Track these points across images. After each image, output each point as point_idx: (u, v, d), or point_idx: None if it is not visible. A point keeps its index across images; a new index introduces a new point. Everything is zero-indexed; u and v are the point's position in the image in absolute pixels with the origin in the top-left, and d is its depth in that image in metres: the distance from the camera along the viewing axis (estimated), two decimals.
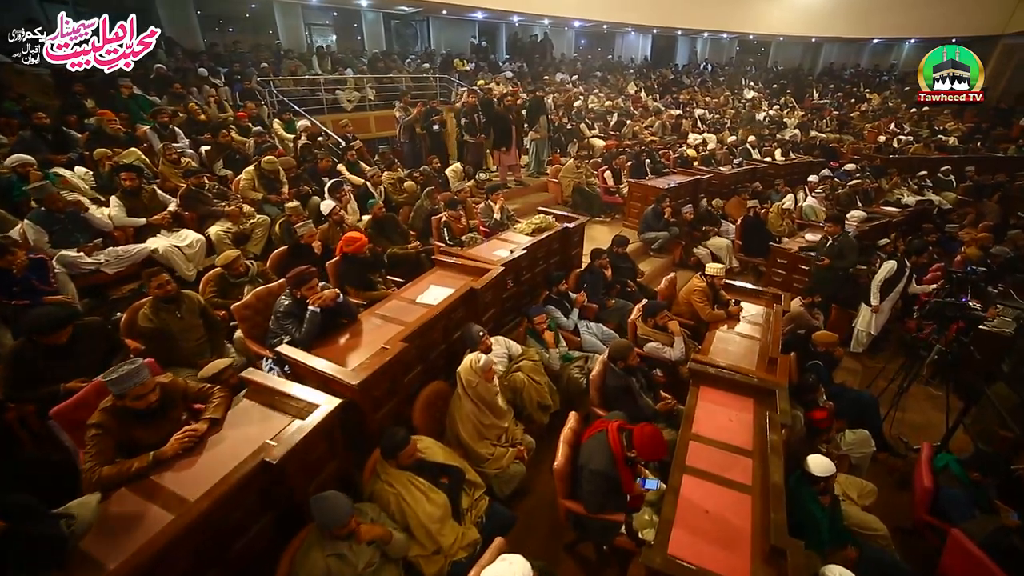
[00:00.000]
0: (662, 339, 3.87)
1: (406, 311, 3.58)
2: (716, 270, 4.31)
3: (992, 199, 9.74)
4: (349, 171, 6.47)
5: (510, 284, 4.41)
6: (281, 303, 3.20)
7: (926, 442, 3.38)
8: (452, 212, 5.17)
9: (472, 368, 3.01)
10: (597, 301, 4.84)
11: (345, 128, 7.39)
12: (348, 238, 4.04)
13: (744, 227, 6.83)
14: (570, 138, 9.77)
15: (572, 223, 5.19)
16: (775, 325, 4.10)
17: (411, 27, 15.86)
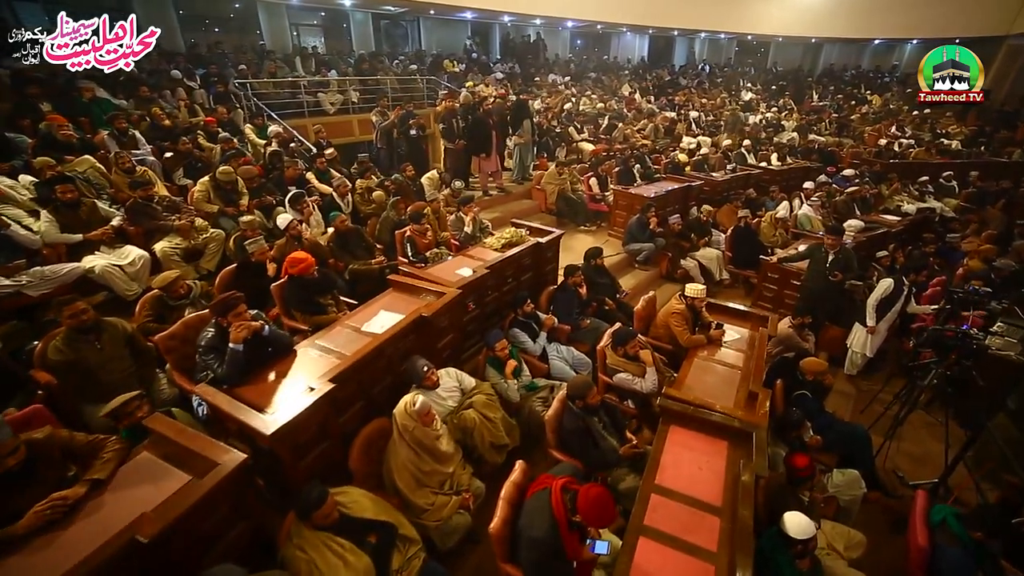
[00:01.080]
0: (633, 369, 3.55)
1: (349, 341, 3.27)
2: (696, 292, 3.99)
3: (996, 206, 9.37)
4: (319, 180, 6.17)
5: (471, 306, 4.10)
6: (204, 335, 2.90)
7: (920, 490, 3.05)
8: (416, 226, 4.85)
9: (407, 411, 2.70)
10: (570, 321, 4.53)
11: (319, 134, 7.09)
12: (292, 259, 3.73)
13: (734, 238, 6.50)
14: (558, 142, 9.44)
15: (546, 237, 4.87)
16: (759, 352, 3.77)
17: (401, 27, 15.56)
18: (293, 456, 2.54)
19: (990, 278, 6.19)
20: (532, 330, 4.18)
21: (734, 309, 4.41)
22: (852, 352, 5.16)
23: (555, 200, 7.33)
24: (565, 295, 4.58)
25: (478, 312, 4.24)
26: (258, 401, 2.67)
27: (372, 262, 4.99)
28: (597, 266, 5.01)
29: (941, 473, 3.90)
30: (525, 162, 8.03)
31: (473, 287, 4.05)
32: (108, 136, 5.58)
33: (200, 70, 9.10)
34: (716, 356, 3.83)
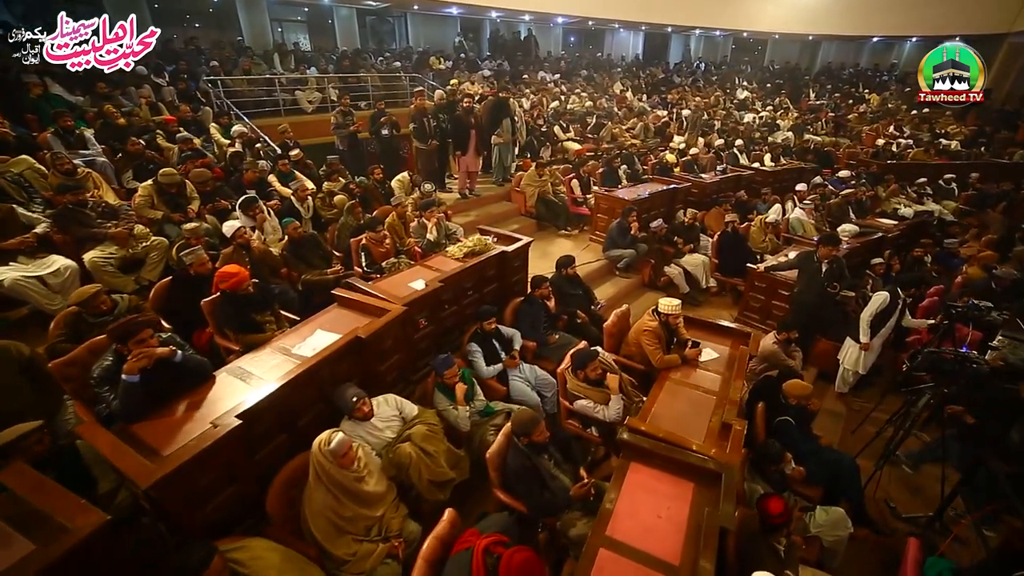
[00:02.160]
0: (594, 396, 3.21)
1: (275, 365, 2.93)
2: (670, 307, 3.65)
3: (996, 209, 9.04)
4: (281, 183, 5.83)
5: (423, 323, 3.76)
6: (100, 363, 2.55)
7: (913, 539, 2.71)
8: (372, 234, 4.51)
9: (320, 451, 2.36)
10: (537, 337, 4.19)
11: (284, 134, 6.73)
12: (223, 273, 3.39)
13: (721, 244, 6.15)
14: (543, 142, 9.09)
15: (513, 245, 4.53)
16: (737, 374, 3.44)
17: (388, 24, 15.20)
18: (187, 506, 2.20)
19: (990, 287, 5.86)
20: (492, 348, 3.84)
21: (714, 324, 4.07)
22: (843, 369, 4.82)
23: (534, 203, 6.99)
24: (531, 308, 4.24)
25: (432, 329, 3.89)
26: (155, 441, 2.33)
27: (328, 272, 4.66)
28: (568, 276, 4.67)
29: (937, 507, 3.58)
30: (505, 163, 7.68)
31: (424, 302, 3.72)
32: (52, 135, 5.23)
33: (171, 67, 8.74)
34: (690, 378, 3.49)
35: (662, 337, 3.68)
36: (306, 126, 9.50)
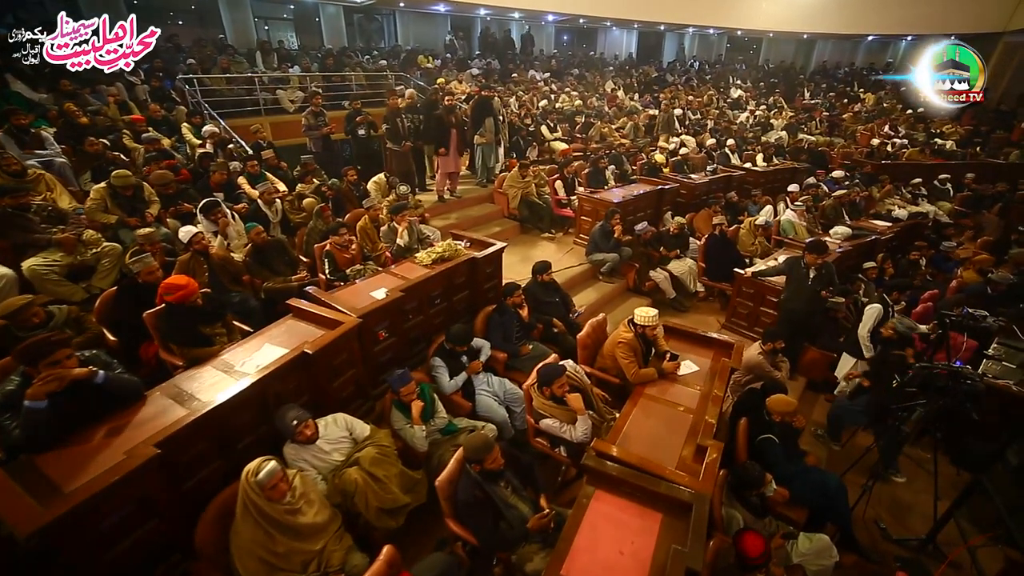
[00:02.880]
0: (560, 415, 2.98)
1: (214, 384, 2.70)
2: (646, 318, 3.42)
3: (992, 211, 8.85)
4: (251, 185, 5.59)
5: (383, 335, 3.53)
6: (2, 387, 2.31)
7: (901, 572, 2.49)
8: (336, 239, 4.28)
9: (248, 482, 2.13)
10: (508, 348, 3.96)
11: (257, 134, 6.49)
12: (168, 285, 3.15)
13: (708, 247, 5.93)
14: (529, 141, 8.87)
15: (484, 251, 4.30)
16: (716, 390, 3.21)
17: (376, 22, 14.95)
18: (86, 550, 1.97)
19: (986, 291, 5.66)
20: (458, 363, 3.61)
21: (695, 334, 3.84)
22: (842, 385, 4.59)
23: (517, 204, 6.76)
24: (503, 318, 4.01)
25: (395, 340, 3.66)
26: (60, 475, 2.09)
27: (292, 279, 4.43)
28: (544, 282, 4.45)
29: (930, 529, 3.36)
30: (488, 163, 7.45)
31: (385, 313, 3.49)
32: (4, 133, 4.99)
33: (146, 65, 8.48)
34: (667, 394, 3.26)
35: (638, 349, 3.46)
36: (287, 126, 9.26)
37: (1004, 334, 4.93)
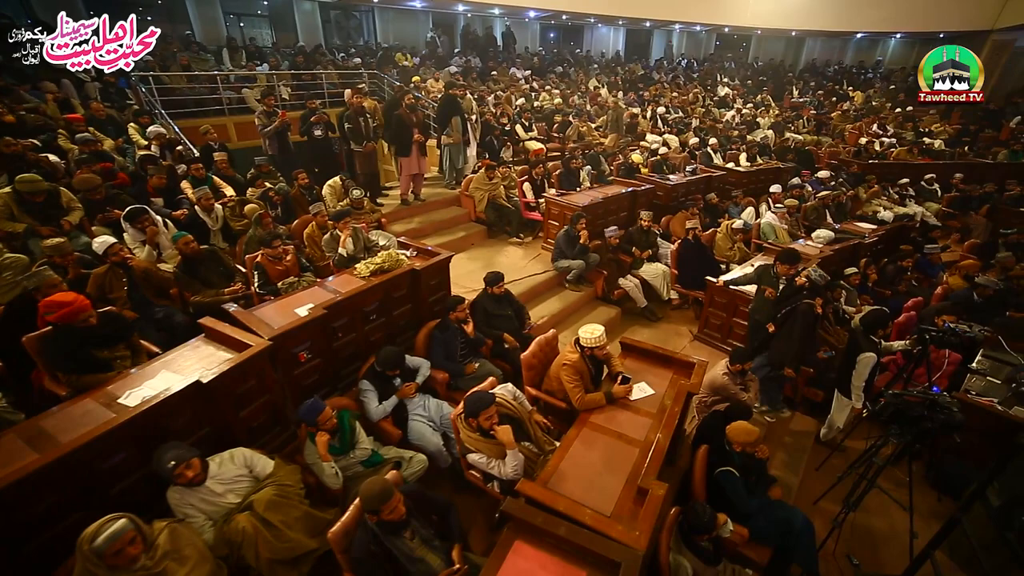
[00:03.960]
0: (487, 450, 2.66)
1: (84, 421, 2.36)
2: (592, 338, 3.10)
3: (979, 212, 8.59)
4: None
5: (304, 357, 3.19)
6: None
7: None
8: (268, 250, 3.94)
9: (83, 552, 1.80)
10: (451, 368, 3.64)
11: (207, 136, 6.13)
12: (49, 303, 2.80)
13: (681, 253, 5.62)
14: (503, 141, 8.54)
15: (427, 261, 3.97)
16: (667, 422, 2.89)
17: (354, 19, 14.56)
18: None
19: (972, 298, 5.38)
20: (389, 386, 3.28)
21: (654, 352, 3.52)
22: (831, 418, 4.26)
23: (484, 208, 6.43)
24: (445, 335, 3.68)
25: (320, 362, 3.33)
26: None
27: (225, 291, 4.08)
28: (496, 294, 4.12)
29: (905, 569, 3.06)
30: (456, 164, 7.12)
31: (309, 332, 3.16)
32: None
33: None
34: (614, 423, 2.94)
35: (585, 372, 3.14)
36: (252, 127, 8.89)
37: (990, 345, 4.65)
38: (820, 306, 3.56)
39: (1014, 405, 3.70)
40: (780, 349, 3.84)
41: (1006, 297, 5.42)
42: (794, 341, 3.70)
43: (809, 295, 3.63)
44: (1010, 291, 5.59)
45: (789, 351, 3.76)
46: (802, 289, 3.76)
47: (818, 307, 3.55)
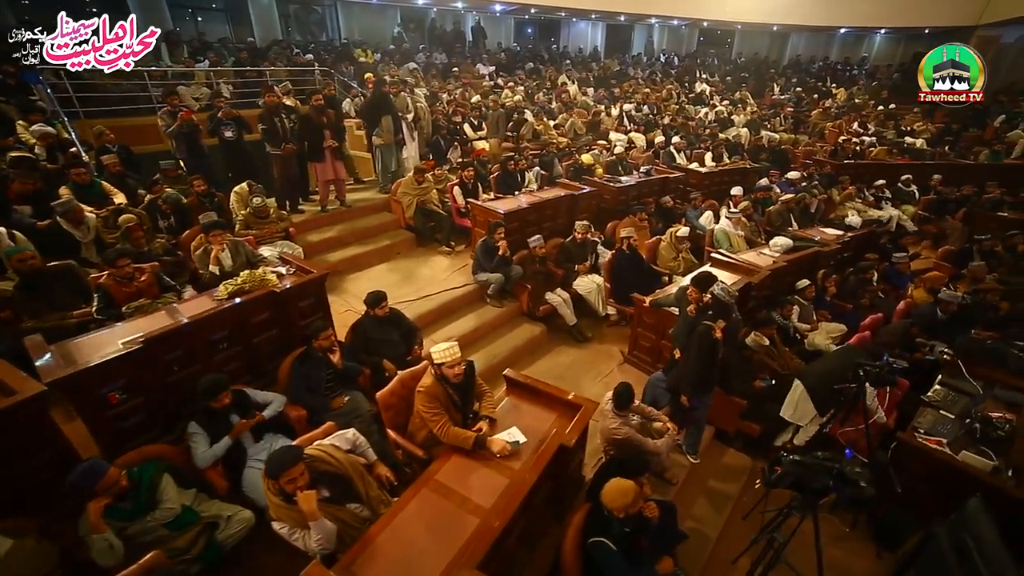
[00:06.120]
0: (290, 518, 2.16)
1: None
2: (443, 353, 2.62)
3: (956, 216, 8.09)
4: (78, 197, 4.70)
5: (115, 398, 2.69)
6: None
7: None
8: (114, 270, 3.44)
9: None
10: (314, 403, 3.14)
11: (101, 137, 5.60)
12: None
13: (614, 265, 5.12)
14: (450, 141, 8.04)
15: (296, 281, 3.47)
16: (516, 490, 2.38)
17: (315, 13, 13.99)
18: None
19: (935, 315, 4.90)
20: (225, 427, 2.78)
21: (538, 390, 3.02)
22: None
23: (412, 214, 5.93)
24: (305, 366, 3.19)
25: (142, 401, 2.82)
26: None
27: (74, 315, 3.57)
28: (380, 317, 3.62)
29: None
30: (389, 167, 6.61)
31: (116, 370, 2.66)
32: None
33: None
34: (466, 480, 2.46)
35: (442, 397, 2.65)
36: None
37: (948, 371, 4.17)
38: (720, 330, 3.07)
39: (964, 448, 3.20)
40: (678, 374, 3.39)
41: (973, 313, 4.94)
42: (691, 367, 3.22)
43: (715, 315, 3.14)
44: (977, 306, 5.10)
45: (687, 376, 3.28)
46: (707, 310, 3.27)
47: (717, 331, 3.06)
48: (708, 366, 3.12)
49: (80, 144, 5.89)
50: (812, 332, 5.15)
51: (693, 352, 3.15)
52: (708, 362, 3.10)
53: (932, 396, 3.85)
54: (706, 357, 3.08)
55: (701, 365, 3.12)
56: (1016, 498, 2.84)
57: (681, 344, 3.56)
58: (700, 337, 3.07)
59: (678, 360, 3.48)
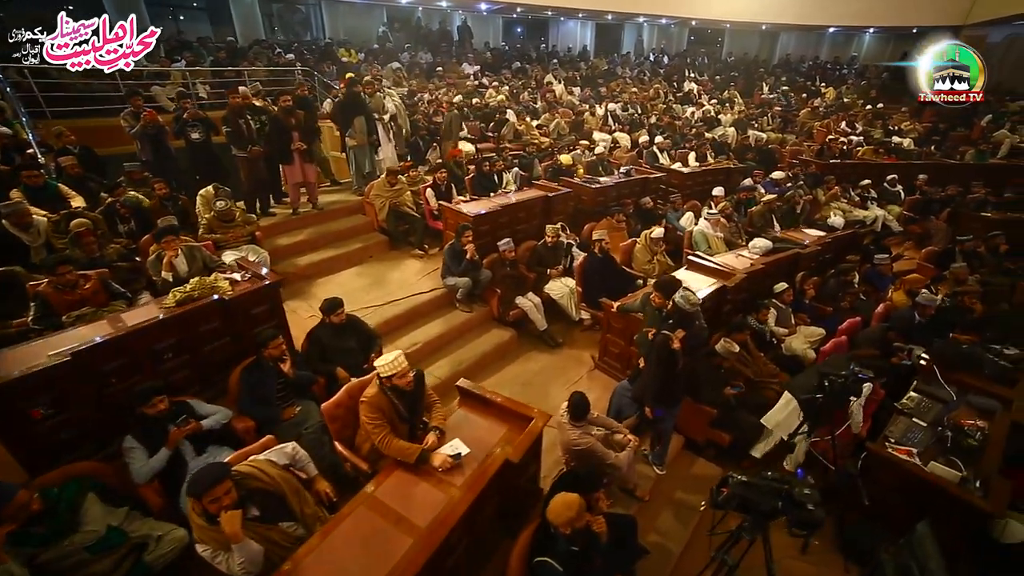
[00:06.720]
0: (212, 540, 2.04)
1: None
2: (389, 365, 2.52)
3: (940, 217, 8.02)
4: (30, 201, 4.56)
5: (39, 413, 2.57)
6: None
7: None
8: (55, 278, 3.31)
9: None
10: (265, 413, 3.02)
11: (61, 138, 5.46)
12: None
13: (586, 268, 5.01)
14: (429, 142, 7.93)
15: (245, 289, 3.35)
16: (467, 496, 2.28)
17: (299, 12, 13.84)
18: None
19: (912, 318, 4.82)
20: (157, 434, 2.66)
21: (491, 402, 2.91)
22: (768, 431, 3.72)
23: (385, 216, 5.81)
24: (253, 376, 3.08)
25: (73, 415, 2.70)
26: None
27: (13, 324, 3.44)
28: (336, 324, 3.50)
29: None
30: (364, 169, 6.49)
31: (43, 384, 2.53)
32: None
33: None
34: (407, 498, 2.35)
35: (386, 408, 2.54)
36: None
37: (924, 377, 4.09)
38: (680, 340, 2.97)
39: (933, 458, 3.11)
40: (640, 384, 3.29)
41: (952, 316, 4.86)
42: (649, 377, 3.12)
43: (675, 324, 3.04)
44: (956, 309, 5.03)
45: (647, 386, 3.18)
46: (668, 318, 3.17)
47: (675, 341, 2.95)
48: (667, 377, 3.02)
49: (41, 145, 5.75)
50: (789, 336, 5.06)
51: (652, 362, 3.05)
52: (667, 373, 3.00)
53: (905, 403, 3.76)
54: (664, 368, 2.98)
55: (659, 376, 3.02)
56: (983, 511, 2.75)
57: (644, 352, 3.46)
58: (658, 347, 2.97)
59: (642, 369, 3.38)
